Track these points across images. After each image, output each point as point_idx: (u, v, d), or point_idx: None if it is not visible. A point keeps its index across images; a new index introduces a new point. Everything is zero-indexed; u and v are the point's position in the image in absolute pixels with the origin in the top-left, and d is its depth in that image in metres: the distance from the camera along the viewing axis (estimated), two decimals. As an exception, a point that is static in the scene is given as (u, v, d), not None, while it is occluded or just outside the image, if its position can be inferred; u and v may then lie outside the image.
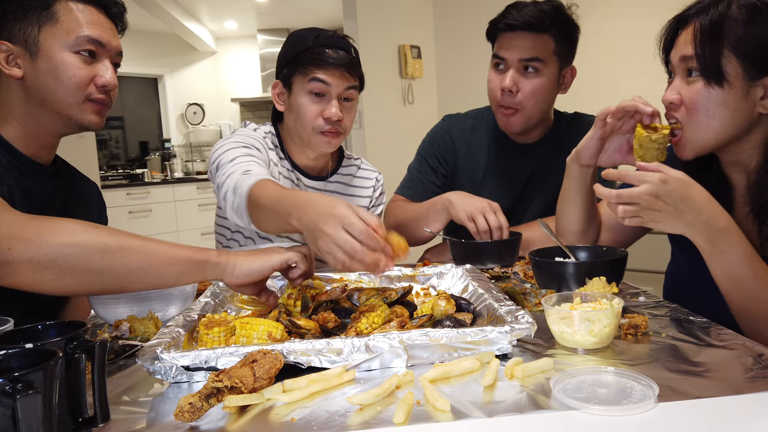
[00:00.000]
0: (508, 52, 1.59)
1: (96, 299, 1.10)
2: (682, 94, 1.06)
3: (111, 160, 7.30)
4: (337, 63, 1.48)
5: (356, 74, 1.53)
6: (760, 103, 1.02)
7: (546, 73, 1.59)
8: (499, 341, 0.84)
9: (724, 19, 1.00)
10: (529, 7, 1.57)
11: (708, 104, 1.03)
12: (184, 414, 0.69)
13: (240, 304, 1.20)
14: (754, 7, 0.99)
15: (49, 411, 0.59)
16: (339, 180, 1.74)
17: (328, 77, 1.48)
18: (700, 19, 1.03)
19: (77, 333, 0.72)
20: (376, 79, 4.02)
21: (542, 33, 1.56)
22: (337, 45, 1.50)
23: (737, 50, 1.00)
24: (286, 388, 0.77)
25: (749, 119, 1.03)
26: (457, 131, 1.83)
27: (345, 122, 1.54)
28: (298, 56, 1.50)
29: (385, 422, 0.68)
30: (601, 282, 1.04)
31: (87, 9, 1.18)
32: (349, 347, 0.82)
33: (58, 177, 1.30)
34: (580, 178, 1.28)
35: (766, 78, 1.00)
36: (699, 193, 0.96)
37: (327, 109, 1.50)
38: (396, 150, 3.96)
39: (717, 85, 1.01)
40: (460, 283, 1.19)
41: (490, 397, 0.73)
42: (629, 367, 0.79)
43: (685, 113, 1.06)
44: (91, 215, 1.40)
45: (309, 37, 1.51)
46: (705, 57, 1.01)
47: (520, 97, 1.60)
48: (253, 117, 7.66)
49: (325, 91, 1.50)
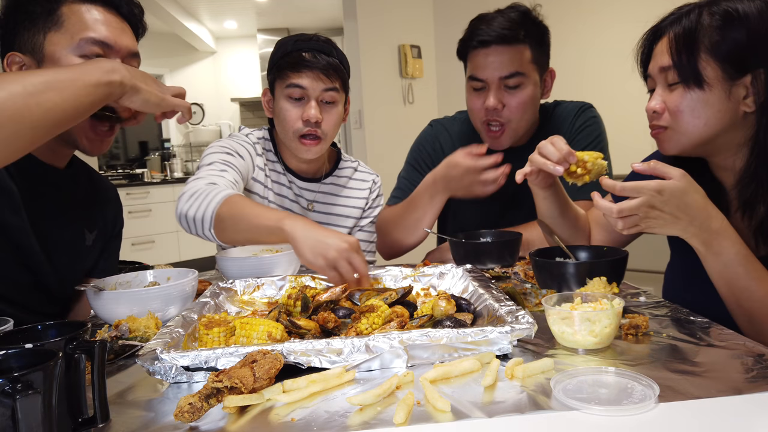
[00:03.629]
0: (486, 71, 1.53)
1: (96, 299, 1.10)
2: (666, 101, 1.08)
3: (110, 160, 7.30)
4: (312, 66, 1.50)
5: (336, 76, 1.54)
6: (744, 102, 1.04)
7: (528, 84, 1.55)
8: (500, 341, 0.84)
9: (698, 26, 1.03)
10: (497, 19, 1.52)
11: (692, 105, 1.05)
12: (183, 414, 0.69)
13: (240, 305, 1.20)
14: (725, 12, 1.01)
15: (48, 411, 0.58)
16: (333, 182, 1.76)
17: (304, 81, 1.51)
18: (674, 29, 1.06)
19: (77, 333, 0.72)
20: (376, 79, 4.02)
21: (517, 44, 1.51)
22: (315, 48, 1.52)
23: (714, 54, 1.02)
24: (286, 388, 0.77)
25: (734, 119, 1.05)
26: (445, 136, 1.81)
27: (325, 125, 1.55)
28: (278, 62, 1.55)
29: (385, 422, 0.68)
30: (601, 282, 1.04)
31: (94, 9, 1.14)
32: (349, 347, 0.82)
33: (73, 181, 1.29)
34: (549, 196, 1.30)
35: (746, 78, 1.02)
36: (694, 197, 0.97)
37: (306, 111, 1.52)
38: (396, 150, 3.96)
39: (698, 89, 1.04)
40: (460, 283, 1.19)
41: (490, 397, 0.73)
42: (630, 368, 0.79)
43: (670, 118, 1.09)
44: (107, 219, 1.41)
45: (289, 42, 1.55)
46: (682, 64, 1.04)
47: (506, 113, 1.56)
48: (252, 117, 7.66)
49: (303, 95, 1.53)
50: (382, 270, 1.28)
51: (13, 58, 1.12)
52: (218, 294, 1.17)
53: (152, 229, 6.11)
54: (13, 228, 1.13)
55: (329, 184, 1.75)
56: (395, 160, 1.99)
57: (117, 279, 1.23)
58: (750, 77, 1.01)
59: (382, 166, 3.69)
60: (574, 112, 1.68)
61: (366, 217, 1.80)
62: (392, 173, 2.07)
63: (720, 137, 1.07)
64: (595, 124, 1.67)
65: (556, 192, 1.30)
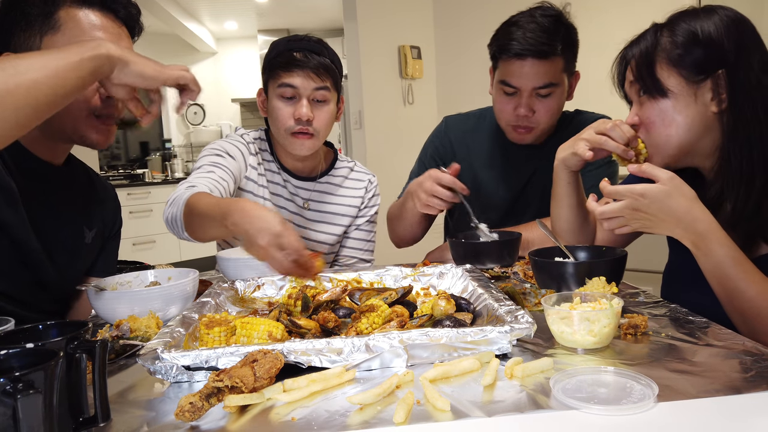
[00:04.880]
0: (520, 80, 1.55)
1: (97, 299, 1.10)
2: (639, 115, 1.14)
3: (112, 160, 7.31)
4: (303, 66, 1.53)
5: (327, 76, 1.56)
6: (711, 103, 1.07)
7: (558, 91, 1.58)
8: (499, 341, 0.84)
9: (655, 44, 1.10)
10: (532, 28, 1.51)
11: (661, 115, 1.10)
12: (184, 413, 0.69)
13: (241, 304, 1.21)
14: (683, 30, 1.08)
15: (49, 411, 0.59)
16: (329, 181, 1.77)
17: (295, 80, 1.54)
18: (634, 50, 1.14)
19: (78, 333, 0.72)
20: (376, 80, 4.02)
21: (553, 57, 1.53)
22: (307, 48, 1.54)
23: (674, 64, 1.08)
24: (287, 387, 0.77)
25: (705, 122, 1.09)
26: (456, 133, 1.82)
27: (317, 123, 1.58)
28: (270, 62, 1.58)
29: (385, 422, 0.68)
30: (600, 282, 1.04)
31: (91, 13, 1.13)
32: (349, 347, 0.82)
33: (71, 179, 1.29)
34: (572, 181, 1.31)
35: (709, 80, 1.06)
36: (678, 201, 1.00)
37: (297, 109, 1.55)
38: (396, 150, 3.97)
39: (662, 98, 1.09)
40: (460, 283, 1.20)
41: (489, 396, 0.73)
42: (629, 367, 0.79)
43: (645, 131, 1.14)
44: (106, 218, 1.41)
45: (281, 43, 1.58)
46: (644, 78, 1.11)
47: (535, 118, 1.60)
48: (253, 117, 7.66)
49: (294, 94, 1.55)
50: (382, 270, 1.28)
51: None
52: (219, 294, 1.17)
53: (153, 229, 6.11)
54: (11, 225, 1.13)
55: (324, 183, 1.76)
56: (395, 160, 1.99)
57: (118, 279, 1.24)
58: (711, 81, 1.06)
59: (381, 166, 3.70)
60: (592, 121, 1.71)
61: (362, 216, 1.80)
62: (392, 173, 2.08)
63: (696, 143, 1.10)
64: None
65: (578, 180, 1.33)
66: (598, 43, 2.17)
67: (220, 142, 1.64)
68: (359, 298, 1.10)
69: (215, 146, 1.61)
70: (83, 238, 1.31)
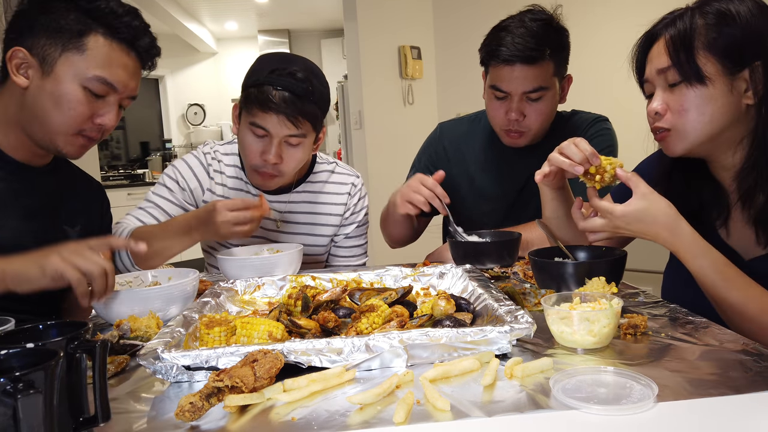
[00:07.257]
0: (510, 85, 1.55)
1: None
2: (668, 102, 1.09)
3: (112, 161, 7.32)
4: (278, 110, 1.40)
5: (304, 121, 1.43)
6: (746, 95, 1.05)
7: (549, 95, 1.58)
8: (499, 341, 0.84)
9: (692, 26, 1.05)
10: (521, 33, 1.51)
11: (697, 102, 1.06)
12: (184, 413, 0.69)
13: (241, 304, 1.21)
14: (718, 11, 1.04)
15: (49, 411, 0.59)
16: (306, 189, 1.67)
17: (268, 124, 1.42)
18: (669, 31, 1.07)
19: (78, 333, 0.72)
20: (376, 80, 4.02)
21: (542, 62, 1.53)
22: (289, 88, 1.40)
23: (711, 50, 1.03)
24: (287, 387, 0.77)
25: (737, 113, 1.06)
26: (449, 138, 1.82)
27: (285, 165, 1.48)
28: (247, 93, 1.46)
29: (385, 422, 0.68)
30: (600, 282, 1.04)
31: (119, 48, 1.16)
32: (349, 347, 0.82)
33: (52, 175, 1.29)
34: (555, 197, 1.30)
35: (745, 71, 1.03)
36: (655, 216, 1.03)
37: (266, 151, 1.45)
38: (396, 150, 3.97)
39: (700, 85, 1.05)
40: (460, 283, 1.20)
41: (489, 396, 0.73)
42: (628, 367, 0.80)
43: (673, 117, 1.09)
44: (91, 214, 1.39)
45: (264, 70, 1.44)
46: (681, 62, 1.05)
47: (527, 122, 1.59)
48: (253, 117, 7.64)
49: (266, 134, 1.45)
50: (382, 270, 1.28)
51: (18, 53, 1.12)
52: (219, 294, 1.17)
53: (153, 229, 6.11)
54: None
55: (301, 192, 1.66)
56: (395, 160, 1.99)
57: (118, 279, 1.24)
58: (748, 71, 1.03)
59: (381, 167, 3.70)
60: (589, 122, 1.71)
61: (351, 223, 1.73)
62: (391, 173, 2.08)
63: (723, 133, 1.08)
64: (608, 134, 1.68)
65: (565, 194, 1.31)
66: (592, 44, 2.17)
67: (179, 164, 1.62)
68: (359, 298, 1.10)
69: (170, 173, 1.61)
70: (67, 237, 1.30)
